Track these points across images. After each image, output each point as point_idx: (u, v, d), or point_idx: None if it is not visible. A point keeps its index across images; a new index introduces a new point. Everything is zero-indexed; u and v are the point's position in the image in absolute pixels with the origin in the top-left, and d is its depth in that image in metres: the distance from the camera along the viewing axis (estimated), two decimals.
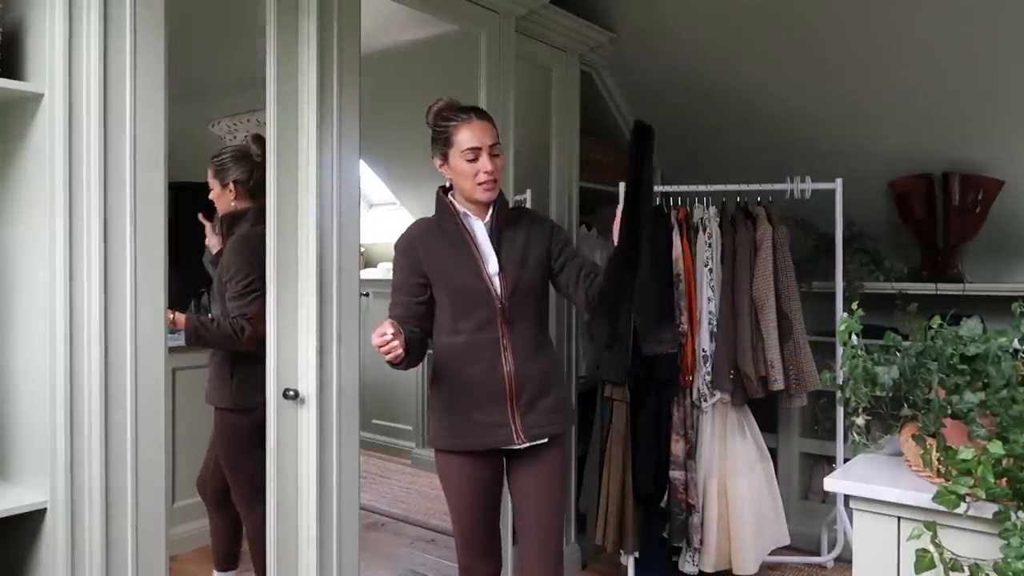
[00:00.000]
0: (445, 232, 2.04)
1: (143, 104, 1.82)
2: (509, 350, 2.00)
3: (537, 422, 2.03)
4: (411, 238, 2.08)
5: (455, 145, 1.99)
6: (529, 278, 2.03)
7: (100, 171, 1.74)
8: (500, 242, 2.03)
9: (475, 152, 1.97)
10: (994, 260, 3.19)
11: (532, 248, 2.05)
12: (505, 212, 2.08)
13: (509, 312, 2.00)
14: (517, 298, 2.00)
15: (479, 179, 1.97)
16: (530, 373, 2.02)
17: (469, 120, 1.99)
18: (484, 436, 2.01)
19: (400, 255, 2.08)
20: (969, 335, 1.50)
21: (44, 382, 1.71)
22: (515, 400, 2.00)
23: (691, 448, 2.91)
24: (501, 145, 2.04)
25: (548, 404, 2.05)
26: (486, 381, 1.99)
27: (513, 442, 2.01)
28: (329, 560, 2.24)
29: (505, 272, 2.00)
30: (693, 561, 2.90)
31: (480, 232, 2.04)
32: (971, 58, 2.77)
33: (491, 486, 2.09)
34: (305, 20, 2.16)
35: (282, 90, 2.14)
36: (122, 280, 1.79)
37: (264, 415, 2.16)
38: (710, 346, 2.91)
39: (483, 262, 2.00)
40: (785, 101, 3.22)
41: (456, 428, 2.03)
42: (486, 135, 1.99)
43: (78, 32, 1.70)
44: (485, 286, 1.98)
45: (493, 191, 2.00)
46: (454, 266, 2.00)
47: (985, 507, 1.38)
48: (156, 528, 1.86)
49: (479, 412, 2.00)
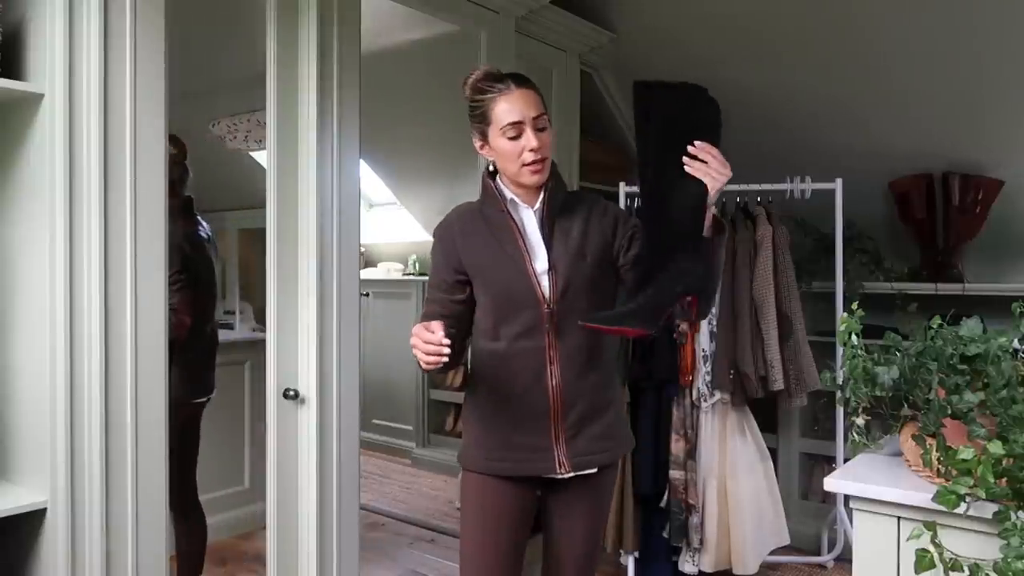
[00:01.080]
0: (489, 221, 1.75)
1: (143, 104, 1.82)
2: (556, 362, 1.70)
3: (585, 449, 1.73)
4: (449, 226, 1.80)
5: (493, 121, 1.68)
6: (585, 277, 1.71)
7: (100, 171, 1.74)
8: (552, 234, 1.73)
9: (517, 128, 1.66)
10: (994, 260, 3.19)
11: (591, 241, 1.73)
12: (560, 198, 1.76)
13: (559, 317, 1.69)
14: (569, 301, 1.70)
15: (524, 159, 1.67)
16: (580, 390, 1.72)
17: (508, 90, 1.67)
18: (521, 461, 1.72)
19: (437, 245, 1.81)
20: (969, 335, 1.50)
21: (44, 382, 1.71)
22: (560, 421, 1.71)
23: (691, 448, 2.91)
24: (549, 116, 1.72)
25: (599, 428, 1.74)
26: (528, 397, 1.70)
27: (555, 471, 1.71)
28: (329, 560, 2.24)
29: (556, 270, 1.70)
30: (693, 561, 2.90)
31: (529, 222, 1.74)
32: (971, 59, 2.77)
33: (522, 520, 1.78)
34: (305, 20, 2.16)
35: (282, 90, 2.14)
36: (122, 280, 1.79)
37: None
38: (710, 346, 2.91)
39: (530, 258, 1.71)
40: (785, 101, 3.22)
41: (490, 448, 1.75)
42: (529, 106, 1.66)
43: (78, 32, 1.70)
44: (531, 286, 1.69)
45: (542, 172, 1.69)
46: (496, 261, 1.72)
47: (985, 507, 1.38)
48: (156, 528, 1.86)
49: (518, 433, 1.72)
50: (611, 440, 1.78)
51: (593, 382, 1.74)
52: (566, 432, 1.71)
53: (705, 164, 1.50)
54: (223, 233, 5.00)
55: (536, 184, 1.71)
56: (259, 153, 4.18)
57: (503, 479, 1.74)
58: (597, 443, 1.74)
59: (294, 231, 2.18)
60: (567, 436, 1.71)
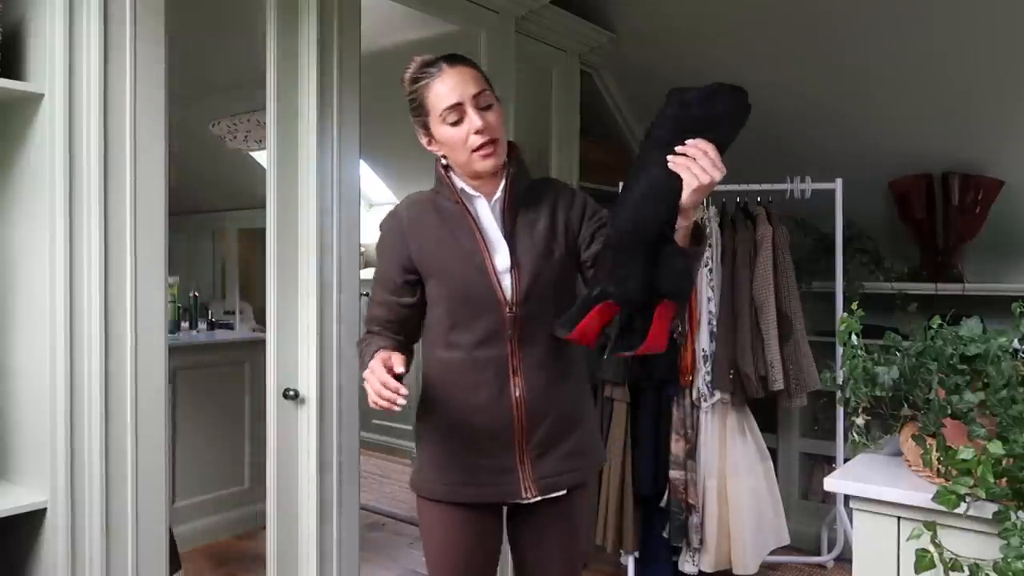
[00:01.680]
0: (443, 213, 1.56)
1: (143, 104, 1.82)
2: (520, 373, 1.51)
3: (553, 469, 1.55)
4: (397, 218, 1.59)
5: (431, 109, 1.50)
6: (551, 276, 1.53)
7: (100, 171, 1.74)
8: (515, 227, 1.54)
9: (456, 111, 1.47)
10: (994, 260, 3.19)
11: (559, 234, 1.55)
12: (522, 186, 1.57)
13: (523, 322, 1.51)
14: (534, 303, 1.51)
15: (471, 143, 1.47)
16: (548, 403, 1.54)
17: (440, 72, 1.49)
18: (482, 486, 1.54)
19: (383, 239, 1.60)
20: (969, 335, 1.50)
21: (44, 382, 1.71)
22: (525, 440, 1.52)
23: (691, 448, 2.91)
24: (493, 93, 1.53)
25: (570, 445, 1.57)
26: (488, 413, 1.52)
27: (520, 495, 1.54)
28: (329, 560, 2.24)
29: (519, 268, 1.51)
30: (693, 561, 2.90)
31: (486, 214, 1.55)
32: (972, 59, 2.77)
33: (487, 546, 1.62)
34: (305, 20, 2.16)
35: (282, 90, 2.15)
36: (122, 280, 1.79)
37: None
38: (710, 346, 2.91)
39: (490, 255, 1.51)
40: (786, 101, 3.22)
41: (447, 472, 1.57)
42: (467, 84, 1.48)
43: (78, 32, 1.70)
44: (491, 286, 1.50)
45: (495, 155, 1.49)
46: (451, 259, 1.52)
47: (985, 507, 1.38)
48: (156, 528, 1.86)
49: (478, 453, 1.54)
50: (583, 457, 1.60)
51: (562, 394, 1.57)
52: (532, 452, 1.53)
53: (691, 160, 1.28)
54: (223, 233, 5.00)
55: (490, 169, 1.50)
56: (259, 153, 4.18)
57: (464, 506, 1.56)
58: (566, 462, 1.56)
59: (294, 231, 2.18)
60: (533, 456, 1.53)
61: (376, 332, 1.60)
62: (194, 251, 5.03)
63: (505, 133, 1.53)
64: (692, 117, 1.34)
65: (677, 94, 1.38)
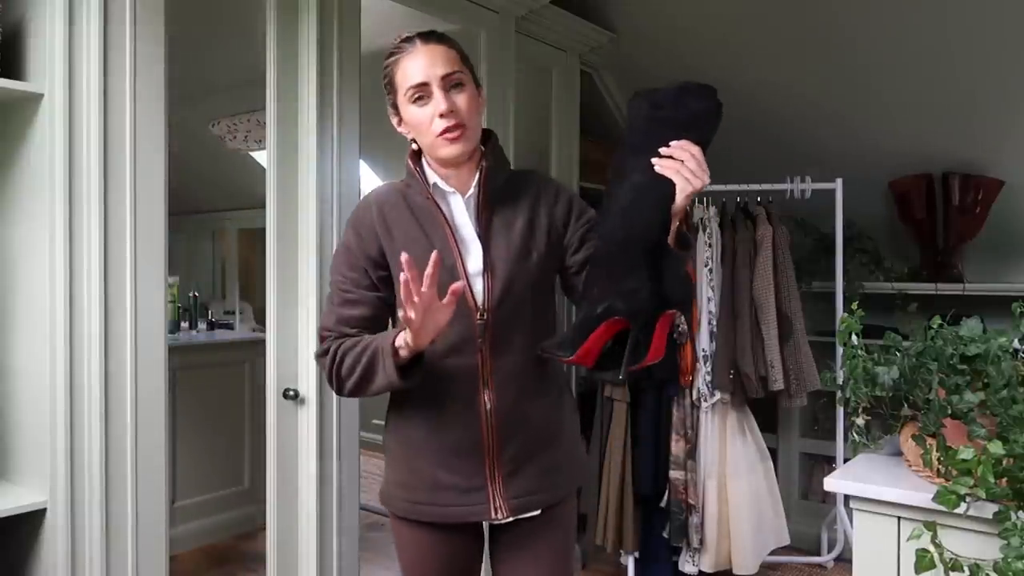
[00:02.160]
0: (414, 208, 1.43)
1: (143, 104, 1.82)
2: (491, 384, 1.39)
3: (526, 488, 1.43)
4: (367, 210, 1.45)
5: (398, 87, 1.40)
6: (529, 280, 1.41)
7: (100, 171, 1.74)
8: (490, 226, 1.42)
9: (421, 89, 1.36)
10: (994, 260, 3.19)
11: (537, 233, 1.44)
12: (499, 180, 1.44)
13: (495, 328, 1.39)
14: (508, 308, 1.39)
15: (435, 127, 1.36)
16: (522, 417, 1.42)
17: (412, 49, 1.38)
18: (450, 504, 1.42)
19: (353, 233, 1.44)
20: (969, 335, 1.50)
21: (44, 382, 1.71)
22: (496, 456, 1.41)
23: (691, 448, 2.91)
24: (469, 75, 1.41)
25: (545, 461, 1.45)
26: (456, 427, 1.40)
27: (490, 516, 1.42)
28: (329, 560, 2.24)
29: (492, 271, 1.39)
30: (693, 561, 2.90)
31: (459, 211, 1.43)
32: (972, 59, 2.77)
33: (463, 566, 1.52)
34: (305, 20, 2.16)
35: (282, 90, 2.15)
36: (122, 280, 1.79)
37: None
38: (710, 346, 2.91)
39: (461, 256, 1.40)
40: (785, 101, 3.22)
41: (414, 489, 1.45)
42: (436, 63, 1.36)
43: (78, 32, 1.70)
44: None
45: (461, 140, 1.36)
46: (420, 259, 1.30)
47: (985, 507, 1.38)
48: (156, 528, 1.86)
49: (445, 470, 1.42)
50: (559, 474, 1.47)
51: (538, 406, 1.45)
52: (503, 468, 1.41)
53: (679, 163, 1.23)
54: (223, 233, 5.00)
55: (455, 156, 1.38)
56: (259, 153, 4.18)
57: (435, 525, 1.45)
58: (541, 479, 1.44)
59: (294, 231, 2.18)
60: (504, 473, 1.41)
61: (349, 336, 1.40)
62: (194, 251, 5.03)
63: (478, 119, 1.41)
64: (666, 118, 1.28)
65: (646, 96, 1.32)
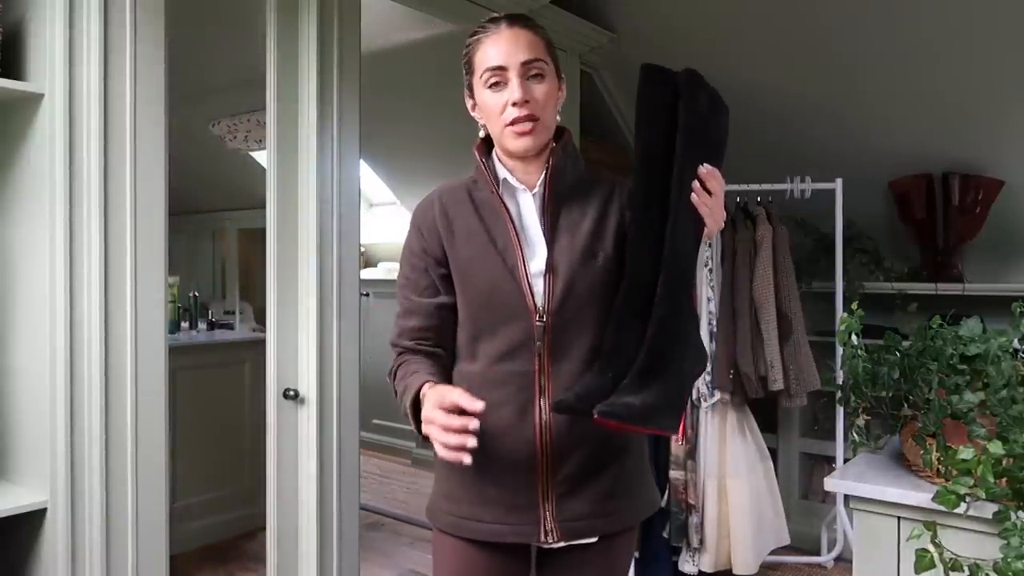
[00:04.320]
0: (479, 205, 1.36)
1: (143, 104, 1.82)
2: (549, 392, 1.28)
3: (584, 511, 1.30)
4: (430, 207, 1.38)
5: (476, 69, 1.33)
6: (593, 283, 1.31)
7: (100, 171, 1.74)
8: (556, 225, 1.34)
9: (498, 74, 1.29)
10: (994, 260, 3.19)
11: (605, 235, 1.34)
12: (568, 178, 1.36)
13: (555, 332, 1.29)
14: (570, 312, 1.30)
15: (506, 116, 1.29)
16: (580, 431, 1.29)
17: (496, 31, 1.31)
18: (497, 522, 1.31)
19: (414, 232, 1.39)
20: (969, 335, 1.50)
21: (44, 382, 1.71)
22: (550, 473, 1.29)
23: (691, 448, 2.91)
24: (552, 66, 1.35)
25: (607, 483, 1.32)
26: (507, 438, 1.28)
27: (539, 538, 1.30)
28: (329, 560, 2.24)
29: (554, 272, 1.30)
30: (693, 561, 2.90)
31: (528, 210, 1.35)
32: (971, 58, 2.77)
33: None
34: (305, 20, 2.16)
35: (282, 90, 2.15)
36: (122, 280, 1.79)
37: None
38: (710, 346, 2.91)
39: (524, 255, 1.31)
40: (785, 101, 3.22)
41: (460, 502, 1.34)
42: (517, 48, 1.29)
43: (78, 32, 1.70)
44: (520, 291, 1.29)
45: (531, 135, 1.30)
46: (482, 256, 1.32)
47: (985, 507, 1.38)
48: (156, 528, 1.86)
49: (494, 484, 1.31)
50: (623, 499, 1.34)
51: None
52: (557, 488, 1.29)
53: (711, 197, 1.21)
54: (223, 233, 5.00)
55: (523, 150, 1.32)
56: (259, 153, 4.18)
57: (480, 543, 1.33)
58: (601, 504, 1.31)
59: (294, 231, 2.18)
60: (559, 493, 1.29)
61: (408, 350, 1.35)
62: (194, 251, 5.03)
63: (554, 113, 1.36)
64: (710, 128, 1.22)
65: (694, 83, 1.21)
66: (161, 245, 1.87)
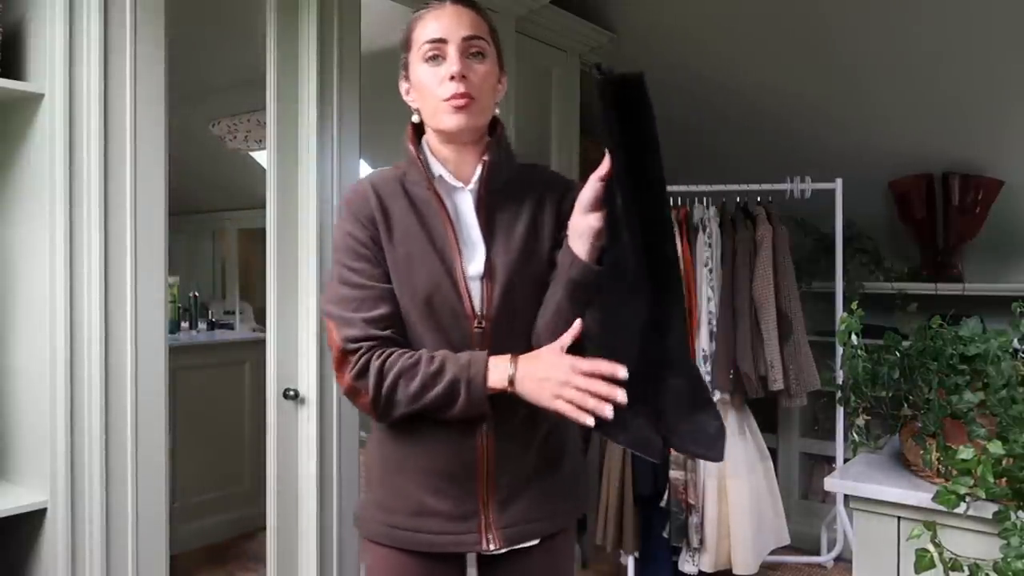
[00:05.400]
0: (414, 199, 1.27)
1: (143, 104, 1.82)
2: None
3: (523, 516, 1.28)
4: (365, 197, 1.26)
5: (413, 44, 1.25)
6: (532, 285, 1.26)
7: (100, 171, 1.74)
8: (491, 225, 1.27)
9: (436, 47, 1.21)
10: (994, 260, 3.19)
11: (542, 234, 1.29)
12: (503, 173, 1.28)
13: (494, 338, 1.23)
14: (508, 316, 1.24)
15: (443, 91, 1.20)
16: (522, 439, 1.27)
17: (439, 7, 1.24)
18: (436, 532, 1.26)
19: (354, 223, 1.25)
20: (969, 335, 1.50)
21: (44, 382, 1.71)
22: (491, 480, 1.25)
23: None
24: (493, 50, 1.26)
25: (545, 486, 1.30)
26: (449, 447, 1.24)
27: (481, 546, 1.26)
28: (329, 560, 2.24)
29: (491, 275, 1.24)
30: (693, 561, 2.90)
31: (466, 208, 1.27)
32: (971, 58, 2.77)
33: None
34: (305, 20, 2.16)
35: (282, 90, 2.15)
36: (122, 280, 1.79)
37: None
38: (710, 346, 2.91)
39: (463, 256, 1.24)
40: (785, 101, 3.22)
41: (395, 512, 1.28)
42: (460, 24, 1.22)
43: (78, 32, 1.70)
44: (458, 294, 1.23)
45: (467, 111, 1.20)
46: (421, 256, 1.23)
47: (985, 507, 1.38)
48: (156, 528, 1.86)
49: (432, 494, 1.26)
50: (560, 500, 1.32)
51: (541, 425, 1.29)
52: (498, 494, 1.26)
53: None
54: (223, 233, 5.00)
55: (455, 128, 1.22)
56: (259, 153, 4.18)
57: (416, 555, 1.27)
58: (539, 507, 1.29)
59: (294, 231, 2.18)
60: (499, 499, 1.26)
61: (385, 340, 1.21)
62: (194, 251, 5.03)
63: (492, 99, 1.27)
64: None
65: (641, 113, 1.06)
66: (161, 245, 1.87)
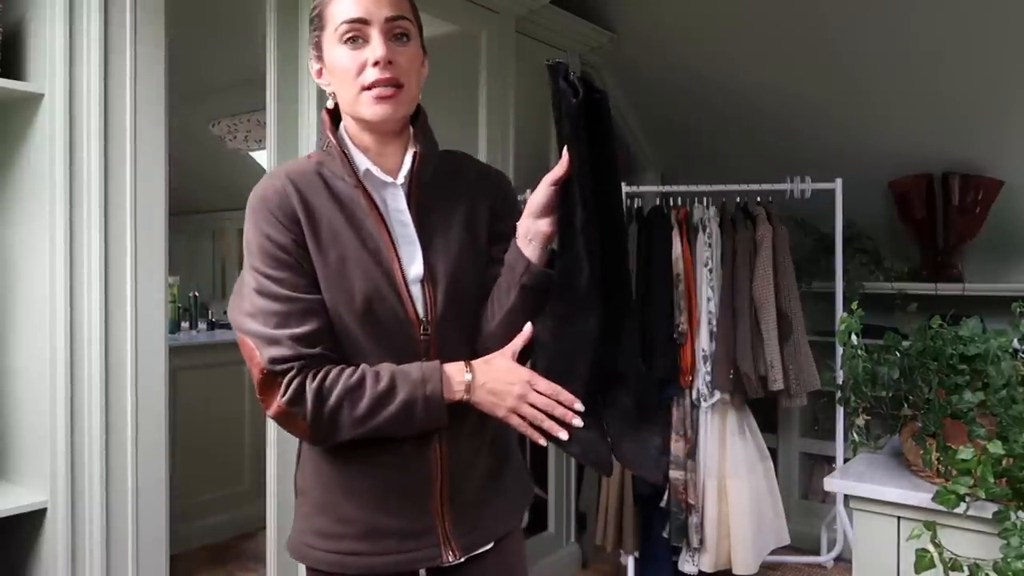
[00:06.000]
0: (337, 195, 1.15)
1: (143, 104, 1.82)
2: None
3: (478, 522, 1.23)
4: (284, 195, 1.12)
5: (328, 23, 1.13)
6: (474, 286, 1.19)
7: (100, 171, 1.73)
8: (426, 223, 1.17)
9: (356, 27, 1.10)
10: (994, 260, 3.19)
11: (479, 229, 1.21)
12: (431, 163, 1.19)
13: (441, 344, 1.15)
14: (453, 320, 1.17)
15: (363, 78, 1.10)
16: (475, 445, 1.22)
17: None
18: (391, 552, 1.18)
19: (271, 224, 1.11)
20: (969, 335, 1.50)
21: (44, 382, 1.71)
22: (445, 491, 1.18)
23: (691, 448, 2.91)
24: (417, 32, 1.16)
25: (498, 488, 1.26)
26: (398, 462, 1.17)
27: (440, 559, 1.19)
28: None
29: (434, 275, 1.16)
30: (693, 561, 2.90)
31: (397, 204, 1.17)
32: (972, 58, 2.77)
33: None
34: (305, 20, 2.16)
35: (282, 90, 2.14)
36: (122, 280, 1.79)
37: None
38: (710, 346, 2.91)
39: (400, 258, 1.15)
40: (785, 101, 3.22)
41: (341, 539, 1.18)
42: (382, 3, 1.10)
43: (78, 32, 1.70)
44: (399, 300, 1.13)
45: (392, 101, 1.11)
46: (352, 260, 1.12)
47: (985, 507, 1.38)
48: (156, 528, 1.86)
49: (385, 514, 1.18)
50: (512, 499, 1.30)
51: (490, 428, 1.23)
52: (453, 504, 1.19)
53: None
54: (223, 233, 5.00)
55: (381, 119, 1.12)
56: (259, 153, 4.18)
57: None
58: (493, 510, 1.25)
59: None
60: (455, 509, 1.19)
61: (318, 358, 1.09)
62: (194, 251, 5.03)
63: (418, 84, 1.16)
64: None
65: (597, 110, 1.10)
66: (161, 245, 1.86)
